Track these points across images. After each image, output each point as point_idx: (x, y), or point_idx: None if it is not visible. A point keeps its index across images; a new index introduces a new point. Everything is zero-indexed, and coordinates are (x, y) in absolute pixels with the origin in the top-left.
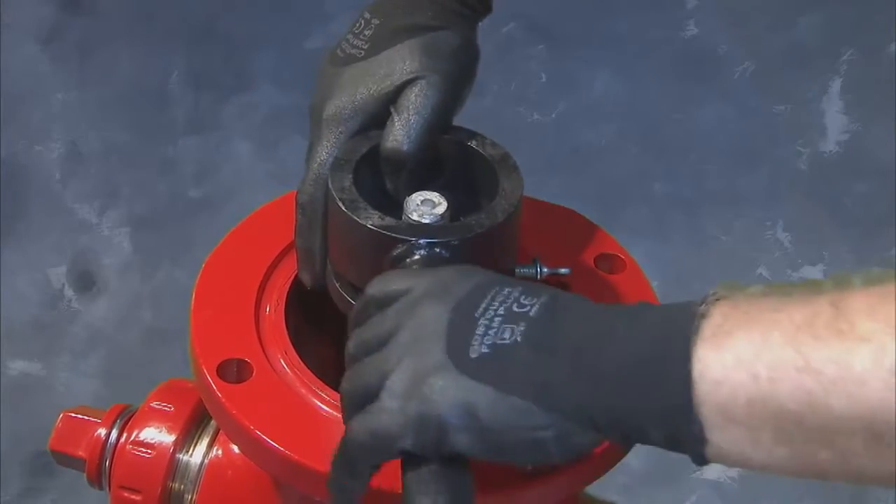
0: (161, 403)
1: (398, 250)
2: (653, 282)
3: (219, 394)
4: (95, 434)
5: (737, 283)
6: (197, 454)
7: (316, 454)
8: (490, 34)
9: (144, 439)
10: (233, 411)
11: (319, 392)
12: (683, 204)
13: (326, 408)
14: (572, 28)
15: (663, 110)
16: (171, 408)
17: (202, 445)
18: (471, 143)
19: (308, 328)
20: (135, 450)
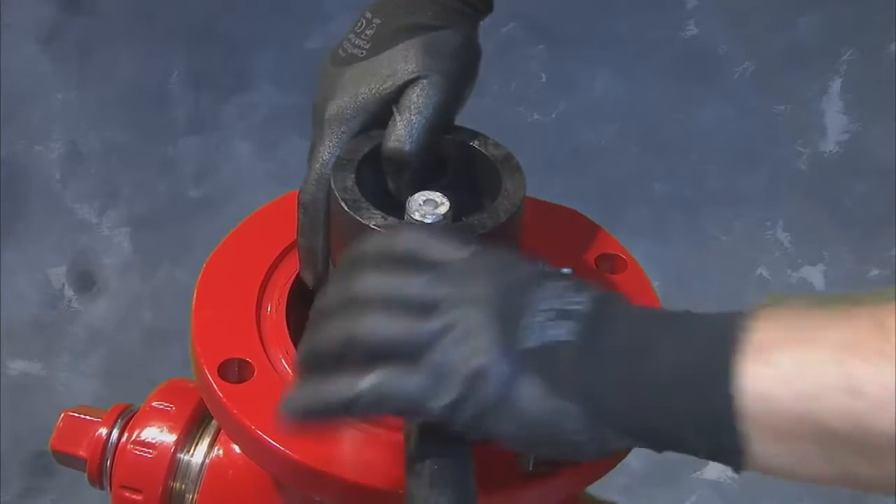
0: (162, 403)
1: None
2: (653, 282)
3: (220, 394)
4: (96, 434)
5: (781, 295)
6: (198, 454)
7: (317, 454)
8: (490, 34)
9: (145, 439)
10: (234, 411)
11: None
12: (683, 204)
13: None
14: (572, 28)
15: (663, 110)
16: (173, 407)
17: (203, 445)
18: (473, 143)
19: None
20: (136, 449)
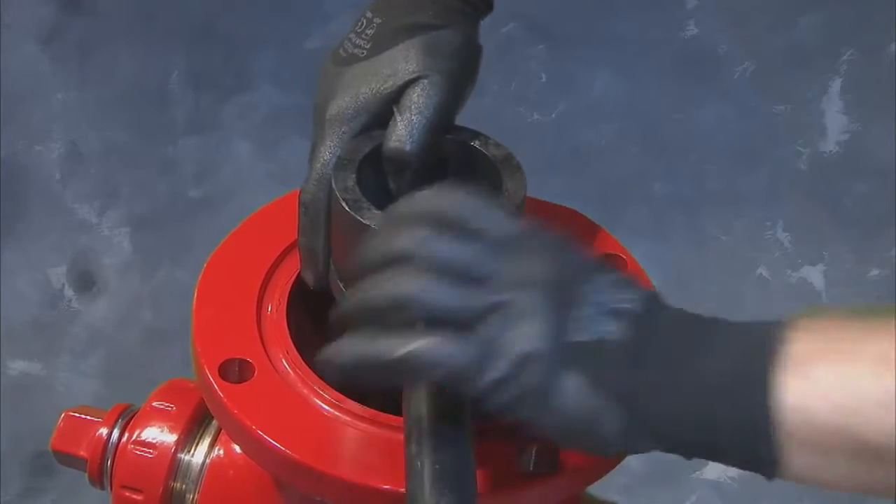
0: (162, 403)
1: None
2: (653, 282)
3: (220, 393)
4: (97, 434)
5: (820, 307)
6: (198, 454)
7: (317, 454)
8: (490, 34)
9: (146, 439)
10: (234, 411)
11: (321, 392)
12: (683, 204)
13: (328, 408)
14: (572, 28)
15: (663, 110)
16: (173, 407)
17: (204, 445)
18: (474, 143)
19: (310, 328)
20: (136, 449)
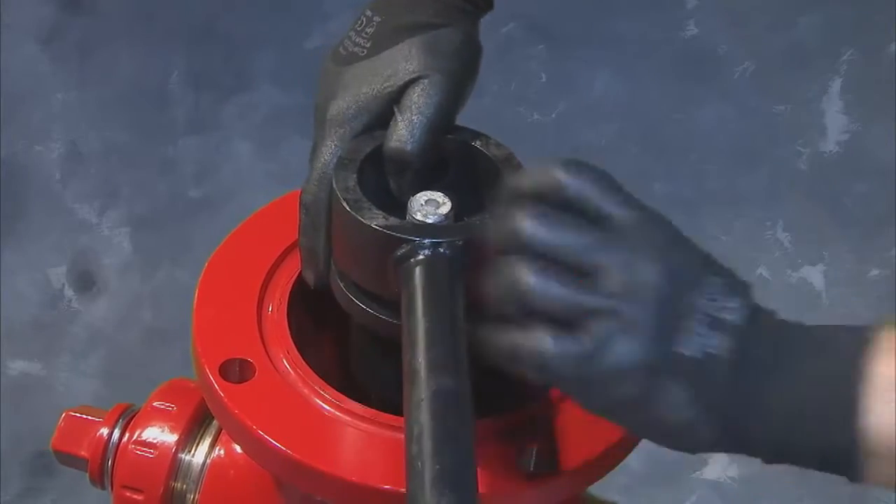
0: (163, 403)
1: (402, 250)
2: None
3: (221, 393)
4: (98, 434)
5: None
6: (199, 454)
7: (318, 454)
8: (490, 34)
9: (147, 439)
10: (235, 411)
11: (322, 392)
12: (683, 204)
13: (329, 407)
14: (572, 28)
15: (663, 110)
16: (174, 407)
17: (204, 445)
18: (475, 143)
19: (311, 328)
20: (137, 449)
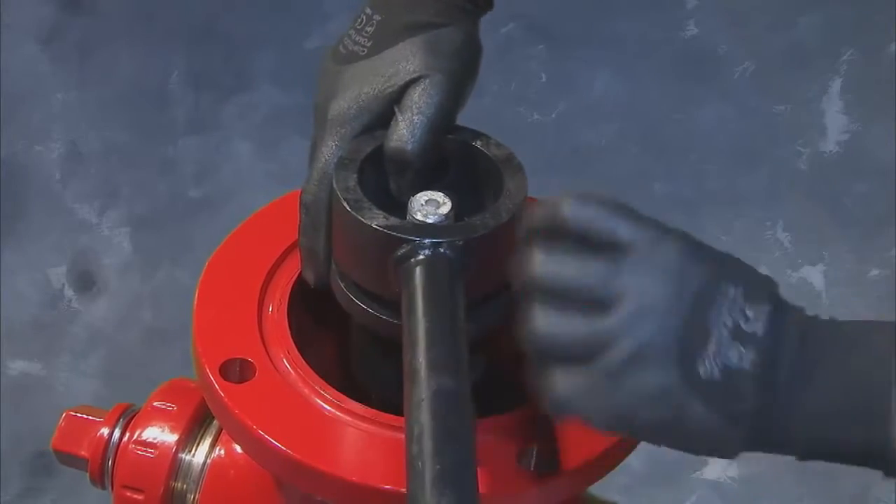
0: (163, 403)
1: (402, 250)
2: None
3: (221, 393)
4: (98, 433)
5: None
6: (199, 454)
7: (318, 454)
8: (490, 34)
9: (147, 439)
10: (235, 411)
11: (322, 392)
12: (683, 204)
13: (329, 407)
14: (572, 28)
15: (663, 110)
16: (174, 407)
17: (205, 445)
18: (475, 143)
19: (311, 328)
20: (137, 449)
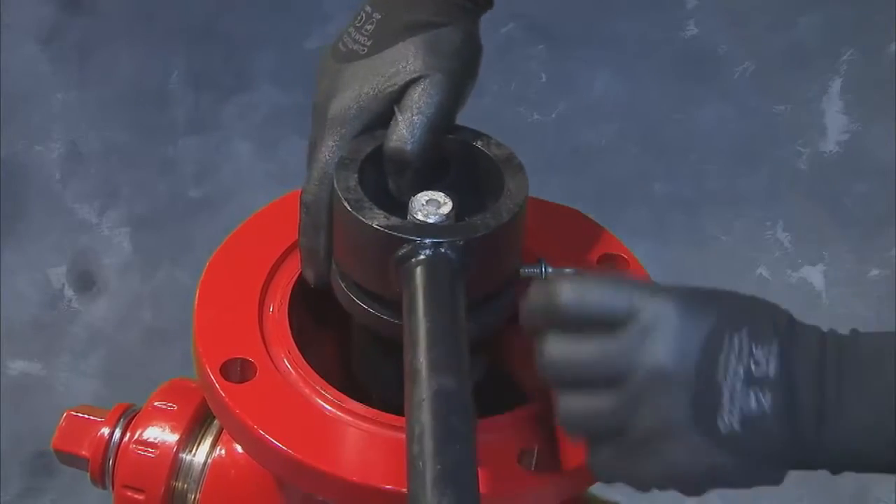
0: (164, 403)
1: (403, 250)
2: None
3: (222, 393)
4: (99, 433)
5: None
6: (200, 453)
7: (319, 453)
8: (490, 34)
9: (148, 438)
10: (236, 411)
11: (323, 392)
12: (683, 204)
13: (330, 407)
14: (572, 28)
15: (663, 110)
16: (175, 407)
17: (205, 445)
18: (476, 143)
19: (312, 327)
20: (138, 449)
